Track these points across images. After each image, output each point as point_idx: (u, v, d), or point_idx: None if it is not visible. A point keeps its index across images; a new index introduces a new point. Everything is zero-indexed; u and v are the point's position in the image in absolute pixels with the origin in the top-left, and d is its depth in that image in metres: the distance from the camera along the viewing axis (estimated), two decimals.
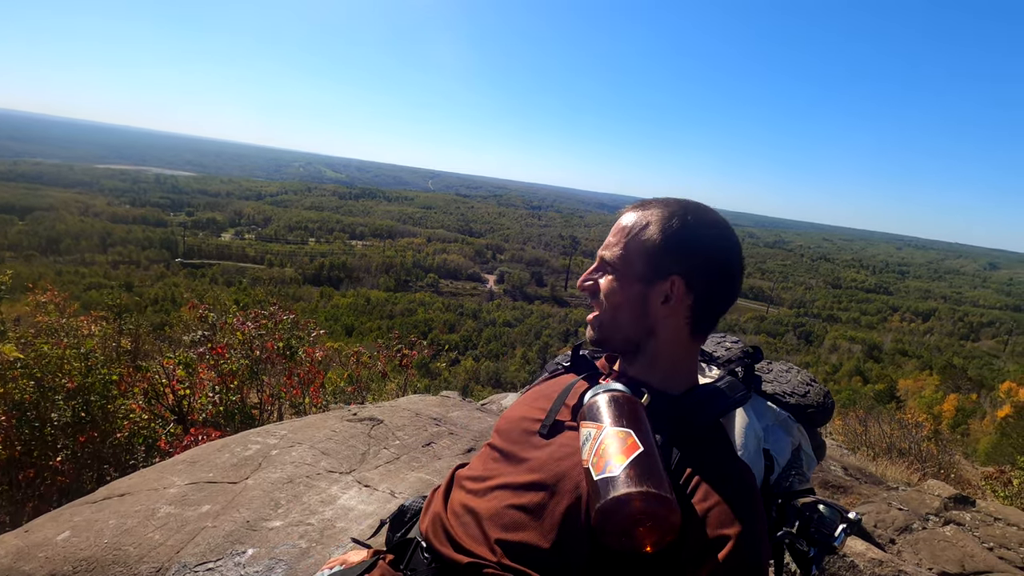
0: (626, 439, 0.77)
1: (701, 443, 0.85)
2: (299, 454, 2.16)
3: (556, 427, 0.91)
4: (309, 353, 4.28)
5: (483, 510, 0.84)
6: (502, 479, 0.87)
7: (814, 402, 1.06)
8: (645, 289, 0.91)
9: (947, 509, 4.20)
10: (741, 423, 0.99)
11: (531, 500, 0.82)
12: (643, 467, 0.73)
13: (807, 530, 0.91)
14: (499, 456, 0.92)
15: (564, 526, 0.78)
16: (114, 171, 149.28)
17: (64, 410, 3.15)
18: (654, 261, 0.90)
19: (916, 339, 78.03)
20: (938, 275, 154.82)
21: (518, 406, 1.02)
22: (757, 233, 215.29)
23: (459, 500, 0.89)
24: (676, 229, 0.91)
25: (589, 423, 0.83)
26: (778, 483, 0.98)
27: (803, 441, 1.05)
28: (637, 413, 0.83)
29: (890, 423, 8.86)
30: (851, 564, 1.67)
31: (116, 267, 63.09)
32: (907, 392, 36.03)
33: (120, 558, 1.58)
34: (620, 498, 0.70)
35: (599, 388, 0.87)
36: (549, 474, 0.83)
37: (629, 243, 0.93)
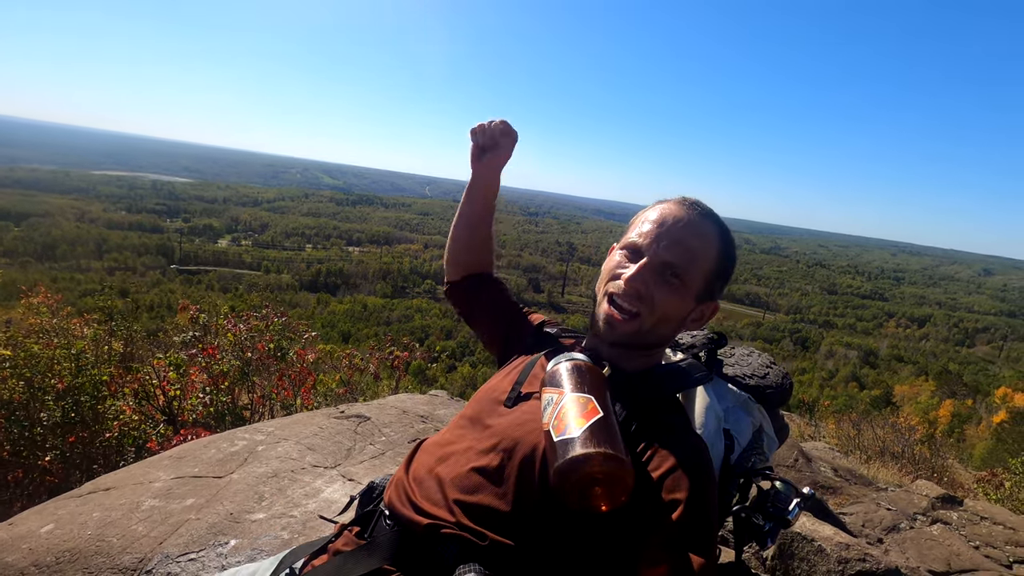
0: (586, 404, 0.81)
1: (657, 417, 0.89)
2: (285, 449, 2.18)
3: (520, 397, 0.96)
4: (300, 355, 4.30)
5: (445, 474, 0.88)
6: (465, 443, 0.91)
7: (773, 383, 1.10)
8: (695, 308, 0.95)
9: (934, 509, 4.22)
10: (702, 404, 1.02)
11: (490, 463, 0.85)
12: (601, 430, 0.77)
13: (763, 505, 0.94)
14: (466, 424, 0.97)
15: (520, 487, 0.82)
16: (110, 177, 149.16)
17: (54, 410, 3.16)
18: (711, 283, 0.95)
19: (912, 345, 78.34)
20: (933, 281, 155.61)
21: (491, 380, 1.08)
22: (753, 239, 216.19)
23: (424, 465, 0.92)
24: (731, 255, 0.96)
25: (551, 389, 0.87)
26: (739, 463, 1.02)
27: (764, 422, 1.08)
28: (598, 381, 0.87)
29: (883, 427, 8.90)
30: (819, 548, 1.69)
31: (112, 273, 62.88)
32: (903, 398, 36.12)
33: (103, 549, 1.60)
34: (578, 457, 0.73)
35: (562, 356, 0.92)
36: (508, 438, 0.87)
37: (697, 258, 0.92)
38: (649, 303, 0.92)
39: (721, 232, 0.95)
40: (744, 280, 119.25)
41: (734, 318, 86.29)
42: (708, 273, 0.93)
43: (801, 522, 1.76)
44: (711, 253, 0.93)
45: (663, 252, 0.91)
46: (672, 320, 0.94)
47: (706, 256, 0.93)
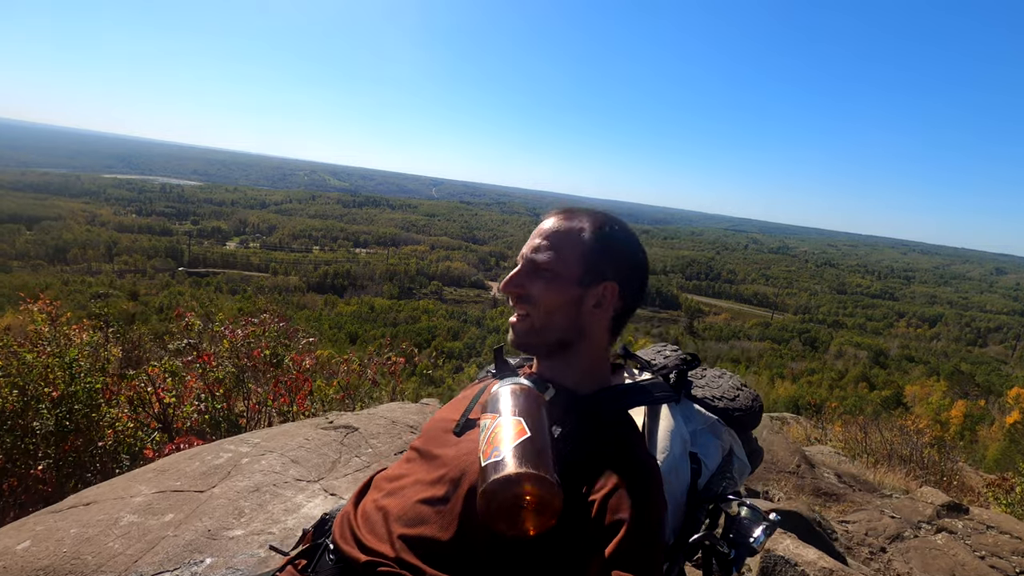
0: (516, 426, 0.79)
1: (605, 436, 0.86)
2: (269, 463, 2.15)
3: (468, 425, 0.94)
4: (297, 361, 4.28)
5: (392, 507, 0.86)
6: (414, 477, 0.90)
7: (742, 406, 1.06)
8: (581, 292, 0.93)
9: (939, 517, 4.15)
10: (666, 426, 0.99)
11: (436, 494, 0.84)
12: (527, 451, 0.75)
13: (730, 532, 0.91)
14: (415, 456, 0.95)
15: (464, 517, 0.80)
16: (120, 181, 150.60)
17: (47, 419, 3.15)
18: (591, 265, 0.93)
19: (923, 345, 77.46)
20: (944, 280, 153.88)
21: (443, 410, 1.05)
22: (760, 239, 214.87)
23: (372, 500, 0.91)
24: (609, 236, 0.95)
25: (488, 415, 0.85)
26: (708, 487, 0.98)
27: (735, 446, 1.05)
28: (533, 404, 0.85)
29: (891, 430, 8.78)
30: (801, 573, 1.65)
31: (122, 276, 63.46)
32: (914, 398, 35.78)
33: (77, 567, 1.58)
34: (500, 479, 0.72)
35: (505, 381, 0.91)
36: (455, 468, 0.85)
37: (564, 247, 0.94)
38: (529, 300, 0.94)
39: (592, 218, 0.96)
40: (752, 280, 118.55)
41: (742, 318, 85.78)
42: (581, 257, 0.93)
43: (785, 544, 1.71)
44: (579, 238, 0.94)
45: (527, 253, 0.96)
46: (562, 308, 0.93)
47: (573, 243, 0.94)
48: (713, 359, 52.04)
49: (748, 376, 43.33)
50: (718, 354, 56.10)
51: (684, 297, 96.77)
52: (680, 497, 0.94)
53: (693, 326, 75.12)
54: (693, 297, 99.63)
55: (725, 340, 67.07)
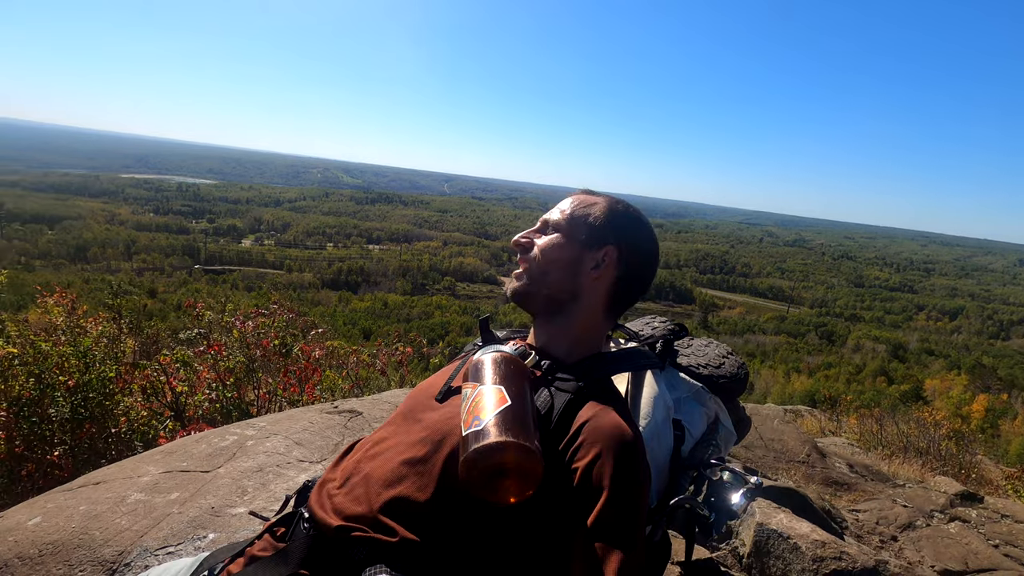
0: (497, 394, 0.80)
1: (588, 404, 0.86)
2: (273, 444, 2.19)
3: (450, 392, 0.95)
4: (306, 351, 4.33)
5: (372, 469, 0.87)
6: (396, 439, 0.91)
7: (727, 373, 1.06)
8: (581, 252, 0.97)
9: (953, 506, 4.09)
10: (650, 393, 0.99)
11: (416, 454, 0.85)
12: (508, 419, 0.75)
13: (710, 497, 0.91)
14: (398, 420, 0.96)
15: (443, 479, 0.81)
16: (138, 180, 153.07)
17: (63, 406, 3.23)
18: (596, 231, 0.98)
19: (943, 338, 76.05)
20: (965, 272, 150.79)
21: (428, 379, 1.07)
22: (776, 232, 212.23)
23: (354, 461, 0.92)
24: (619, 212, 1.01)
25: (470, 383, 0.86)
26: (692, 454, 0.98)
27: (721, 413, 1.04)
28: (515, 372, 0.86)
29: (908, 422, 8.66)
30: (794, 546, 1.63)
31: (141, 274, 64.55)
32: (934, 392, 35.21)
33: (85, 542, 1.62)
34: (481, 448, 0.72)
35: (487, 349, 0.92)
36: (436, 431, 0.87)
37: (575, 211, 1.00)
38: (533, 253, 1.00)
39: (608, 197, 1.04)
40: (767, 274, 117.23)
41: (757, 312, 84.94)
42: (588, 222, 0.99)
43: (779, 519, 1.69)
44: (590, 208, 1.00)
45: (545, 215, 1.04)
46: (559, 263, 0.97)
47: (584, 210, 1.00)
48: None
49: (764, 370, 42.95)
50: (733, 348, 55.44)
51: (698, 291, 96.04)
52: (663, 463, 0.95)
53: (707, 320, 74.56)
54: (707, 291, 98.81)
55: (740, 334, 66.48)
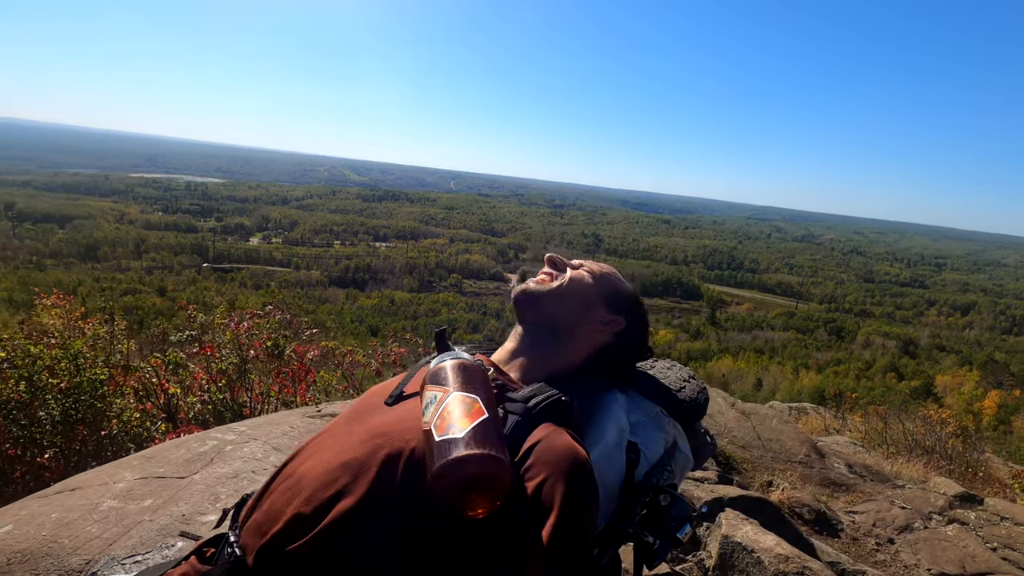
0: (472, 404, 0.78)
1: (541, 426, 0.85)
2: (251, 450, 2.18)
3: (401, 397, 0.94)
4: (299, 352, 4.33)
5: (307, 471, 0.84)
6: (338, 440, 0.88)
7: (687, 397, 1.03)
8: (600, 303, 1.04)
9: (952, 508, 4.03)
10: (606, 414, 0.96)
11: (354, 455, 0.82)
12: (486, 432, 0.74)
13: (656, 523, 0.89)
14: (343, 422, 0.94)
15: (377, 483, 0.78)
16: (147, 179, 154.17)
17: (54, 409, 3.25)
18: (618, 299, 1.06)
19: (955, 334, 75.18)
20: (978, 267, 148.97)
21: (386, 382, 1.05)
22: (785, 227, 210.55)
23: (294, 467, 0.89)
24: (640, 303, 1.11)
25: (434, 387, 0.83)
26: (647, 479, 0.95)
27: (679, 439, 1.01)
28: (483, 383, 0.84)
29: (914, 420, 8.56)
30: (757, 560, 1.59)
31: (150, 272, 65.14)
32: (945, 389, 34.84)
33: (54, 550, 1.61)
34: (460, 459, 0.70)
35: (447, 355, 0.89)
36: (381, 435, 0.84)
37: (609, 275, 1.09)
38: (561, 270, 1.07)
39: (635, 290, 1.14)
40: (776, 269, 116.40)
41: (765, 308, 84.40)
42: (615, 290, 1.07)
43: (744, 531, 1.66)
44: (620, 282, 1.10)
45: (588, 261, 1.13)
46: (580, 295, 1.03)
47: (616, 280, 1.09)
48: (736, 349, 51.28)
49: (772, 366, 42.64)
50: (741, 344, 55.32)
51: (705, 287, 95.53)
52: (613, 487, 0.92)
53: (715, 316, 74.17)
54: (715, 287, 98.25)
55: (748, 330, 66.09)
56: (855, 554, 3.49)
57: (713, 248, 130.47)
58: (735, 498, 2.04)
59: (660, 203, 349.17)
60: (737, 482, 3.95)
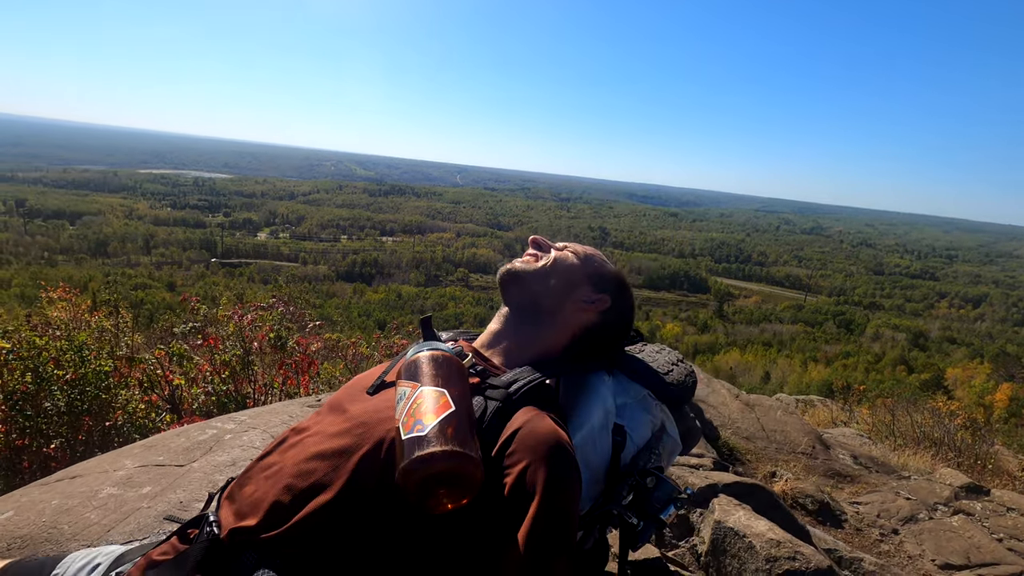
0: (439, 399, 0.77)
1: (522, 410, 0.84)
2: (250, 438, 2.19)
3: (382, 385, 0.93)
4: (302, 343, 4.35)
5: (287, 460, 0.84)
6: (318, 428, 0.88)
7: (674, 380, 1.02)
8: (585, 282, 1.04)
9: (957, 499, 4.00)
10: (591, 397, 0.95)
11: (332, 446, 0.82)
12: (452, 427, 0.73)
13: (640, 504, 0.88)
14: (325, 410, 0.94)
15: (355, 476, 0.78)
16: (155, 175, 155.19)
17: (59, 399, 3.28)
18: (602, 279, 1.06)
19: (966, 326, 74.48)
20: (990, 259, 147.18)
21: (371, 369, 1.05)
22: (793, 219, 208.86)
23: (278, 453, 0.89)
24: (624, 282, 1.10)
25: (406, 382, 0.82)
26: (634, 462, 0.94)
27: (667, 422, 1.00)
28: (455, 374, 0.83)
29: (922, 412, 8.49)
30: (749, 545, 1.58)
31: (160, 267, 65.74)
32: (956, 381, 34.56)
33: (53, 536, 1.63)
34: (424, 456, 0.69)
35: (422, 346, 0.88)
36: (360, 425, 0.84)
37: (593, 256, 1.10)
38: (546, 251, 1.08)
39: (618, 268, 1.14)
40: (784, 262, 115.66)
41: (773, 301, 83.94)
42: (599, 270, 1.07)
43: (737, 516, 1.64)
44: (605, 263, 1.09)
45: (564, 242, 1.13)
46: (562, 278, 1.03)
47: (600, 261, 1.09)
48: (744, 343, 51.05)
49: (780, 359, 42.47)
50: (748, 337, 55.08)
51: (713, 280, 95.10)
52: (598, 469, 0.91)
53: (723, 309, 73.89)
54: (722, 280, 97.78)
55: (756, 323, 65.79)
56: (858, 544, 3.47)
57: (721, 241, 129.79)
58: (729, 484, 2.03)
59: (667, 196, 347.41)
60: (738, 472, 3.94)
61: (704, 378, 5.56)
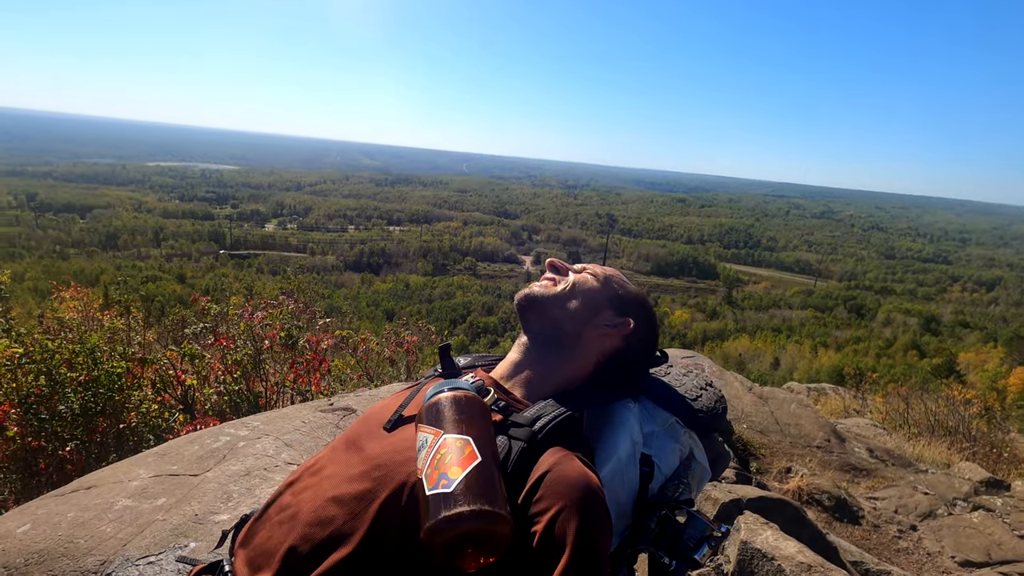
0: (464, 448, 0.72)
1: (549, 451, 0.79)
2: (263, 446, 2.18)
3: (400, 421, 0.88)
4: (312, 341, 4.34)
5: (303, 504, 0.80)
6: (333, 468, 0.84)
7: (704, 407, 0.97)
8: (606, 305, 1.00)
9: (977, 494, 3.94)
10: (618, 426, 0.91)
11: (351, 491, 0.77)
12: (479, 481, 0.68)
13: (672, 542, 0.84)
14: (340, 446, 0.89)
15: (376, 527, 0.74)
16: (163, 168, 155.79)
17: (73, 402, 3.29)
18: (624, 301, 1.01)
19: (979, 310, 73.59)
20: (1004, 241, 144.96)
21: (386, 399, 1.00)
22: (803, 204, 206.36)
23: (291, 494, 0.85)
24: (647, 303, 1.06)
25: (427, 427, 0.77)
26: (662, 492, 0.90)
27: (696, 449, 0.96)
28: (478, 417, 0.78)
29: (936, 400, 8.39)
30: (778, 568, 1.54)
31: (170, 260, 66.19)
32: (968, 366, 34.21)
33: (70, 551, 1.63)
34: (451, 517, 0.65)
35: (443, 385, 0.82)
36: (379, 468, 0.79)
37: (613, 277, 1.05)
38: (564, 274, 1.03)
39: (640, 289, 1.10)
40: (794, 247, 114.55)
41: (783, 286, 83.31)
42: (620, 293, 1.02)
43: (764, 537, 1.61)
44: (625, 284, 1.05)
45: (582, 264, 1.09)
46: (586, 297, 0.99)
47: (620, 282, 1.05)
48: (753, 329, 50.79)
49: (790, 345, 42.21)
50: (758, 323, 54.78)
51: (722, 266, 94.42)
52: (626, 503, 0.87)
53: (731, 295, 73.45)
54: (731, 266, 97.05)
55: (765, 309, 65.37)
56: (876, 542, 3.44)
57: (729, 226, 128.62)
58: (753, 499, 1.99)
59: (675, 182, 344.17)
60: (756, 469, 3.90)
61: (716, 370, 5.51)
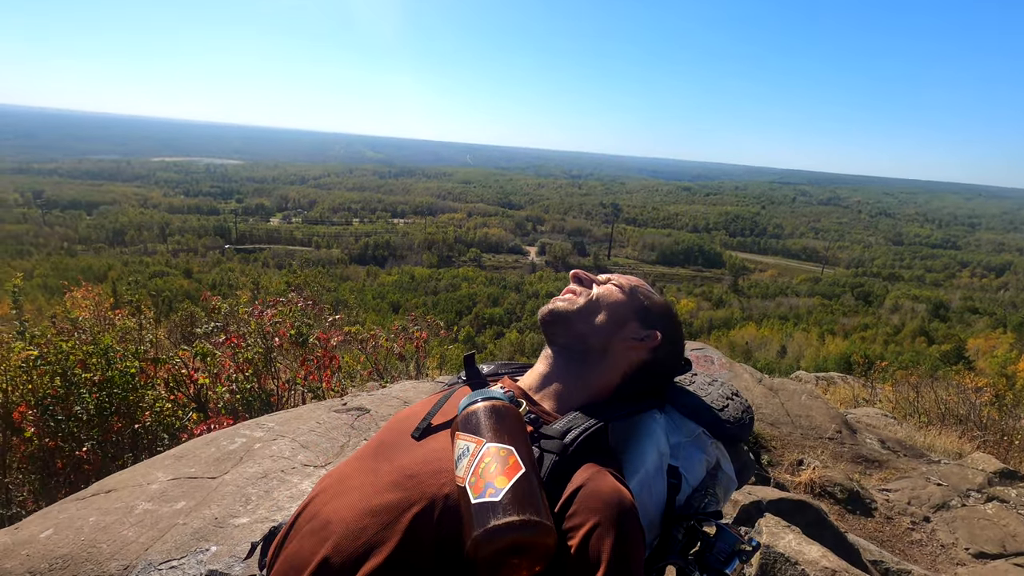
0: (508, 458, 0.72)
1: (583, 466, 0.79)
2: (279, 448, 2.19)
3: (428, 430, 0.88)
4: (323, 339, 4.35)
5: (331, 515, 0.79)
6: (362, 478, 0.83)
7: (731, 417, 0.96)
8: (633, 318, 0.98)
9: (991, 485, 3.93)
10: (643, 440, 0.90)
11: (383, 502, 0.77)
12: (524, 492, 0.68)
13: (702, 556, 0.83)
14: (369, 454, 0.89)
15: (407, 539, 0.73)
16: (168, 163, 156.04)
17: (89, 402, 3.32)
18: (651, 313, 1.00)
19: (988, 296, 72.98)
20: (1014, 226, 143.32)
21: (413, 406, 1.00)
22: (809, 191, 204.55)
23: (321, 503, 0.84)
24: (674, 315, 1.05)
25: (467, 435, 0.77)
26: (688, 503, 0.90)
27: (722, 460, 0.95)
28: (518, 426, 0.78)
29: (947, 388, 8.34)
30: (802, 573, 1.54)
31: (176, 255, 66.51)
32: (977, 352, 34.00)
33: (93, 556, 1.64)
34: (501, 526, 0.65)
35: (477, 395, 0.82)
36: (410, 480, 0.79)
37: (639, 288, 1.04)
38: (588, 286, 1.01)
39: (666, 300, 1.08)
40: (800, 234, 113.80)
41: (790, 274, 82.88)
42: (647, 304, 1.01)
43: (787, 540, 1.60)
44: (652, 295, 1.04)
45: (606, 275, 1.06)
46: (611, 310, 0.97)
47: (647, 293, 1.04)
48: (759, 317, 50.61)
49: (797, 333, 42.06)
50: (764, 312, 54.58)
51: (728, 254, 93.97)
52: (654, 515, 0.87)
53: (737, 284, 73.16)
54: (737, 254, 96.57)
55: (771, 297, 65.10)
56: (890, 534, 3.43)
57: (735, 214, 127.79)
58: (773, 500, 1.99)
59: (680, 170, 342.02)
60: (767, 462, 3.90)
61: (726, 362, 5.50)
